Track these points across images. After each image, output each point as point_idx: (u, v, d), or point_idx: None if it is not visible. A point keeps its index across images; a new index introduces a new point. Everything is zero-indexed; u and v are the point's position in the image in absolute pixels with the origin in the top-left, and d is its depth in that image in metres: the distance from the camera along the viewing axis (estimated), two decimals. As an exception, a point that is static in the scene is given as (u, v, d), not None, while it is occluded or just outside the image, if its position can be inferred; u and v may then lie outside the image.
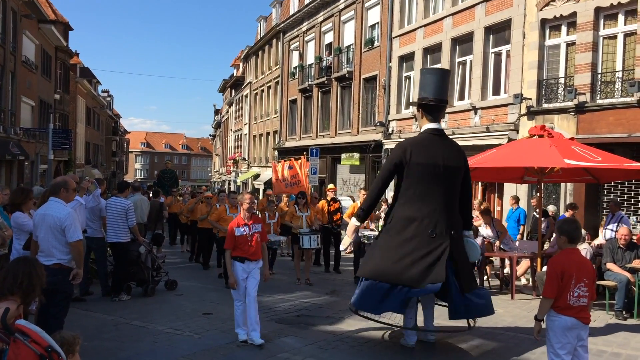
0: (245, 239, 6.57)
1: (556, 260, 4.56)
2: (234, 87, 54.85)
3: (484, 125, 16.52)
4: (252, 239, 6.60)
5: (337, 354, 6.30)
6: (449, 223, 6.49)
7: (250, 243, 6.58)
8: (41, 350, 3.52)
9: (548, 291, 4.44)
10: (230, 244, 6.62)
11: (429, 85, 6.92)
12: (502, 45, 16.64)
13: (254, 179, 40.89)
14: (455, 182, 6.68)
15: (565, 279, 4.41)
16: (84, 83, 46.45)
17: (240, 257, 6.57)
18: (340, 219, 12.72)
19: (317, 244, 11.15)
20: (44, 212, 5.48)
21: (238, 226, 6.60)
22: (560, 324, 4.44)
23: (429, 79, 6.99)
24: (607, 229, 10.51)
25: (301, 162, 16.65)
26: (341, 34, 26.80)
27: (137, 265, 9.33)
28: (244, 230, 6.60)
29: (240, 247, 6.57)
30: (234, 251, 6.60)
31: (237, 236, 6.56)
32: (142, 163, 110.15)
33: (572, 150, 8.91)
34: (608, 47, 13.72)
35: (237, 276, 6.53)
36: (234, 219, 6.85)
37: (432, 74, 7.21)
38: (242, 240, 6.57)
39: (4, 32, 24.73)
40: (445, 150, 6.66)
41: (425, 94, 6.88)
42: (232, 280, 6.56)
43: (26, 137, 28.28)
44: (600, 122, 13.33)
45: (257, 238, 6.65)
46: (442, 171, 6.54)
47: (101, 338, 6.71)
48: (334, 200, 12.85)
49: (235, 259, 6.59)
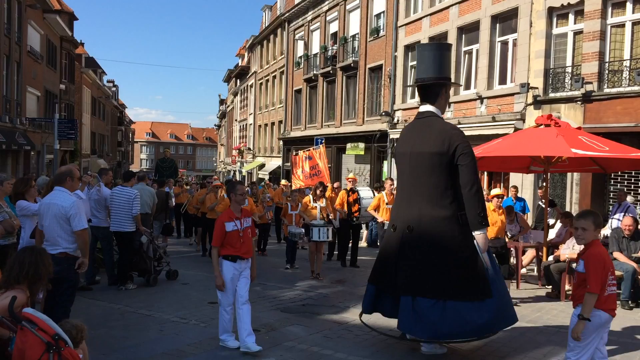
0: (237, 235, 5.89)
1: (599, 252, 4.37)
2: (239, 76, 54.74)
3: (490, 114, 16.44)
4: (243, 234, 5.95)
5: (343, 342, 6.32)
6: (409, 217, 5.80)
7: (242, 240, 5.93)
8: (48, 338, 3.55)
9: (596, 286, 4.22)
10: (219, 240, 5.89)
11: (418, 63, 6.38)
12: (509, 34, 16.51)
13: (259, 169, 40.92)
14: (424, 171, 5.80)
15: (606, 270, 4.29)
16: (89, 73, 46.50)
17: (232, 256, 5.89)
18: (358, 211, 11.96)
19: (327, 237, 10.60)
20: (49, 202, 5.50)
21: (229, 220, 5.91)
22: (597, 320, 4.27)
23: (419, 57, 6.41)
24: (613, 219, 10.48)
25: (320, 152, 15.84)
26: (346, 23, 26.65)
27: (139, 255, 9.35)
28: (235, 225, 5.91)
29: (231, 244, 5.88)
30: (224, 249, 5.90)
31: (228, 232, 5.87)
32: (147, 153, 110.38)
33: (578, 139, 8.85)
34: (616, 36, 13.59)
35: (225, 277, 5.85)
36: (224, 212, 6.15)
37: (422, 51, 6.37)
38: (234, 236, 5.89)
39: (9, 22, 24.73)
40: (419, 135, 5.91)
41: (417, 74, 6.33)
42: (220, 282, 5.83)
43: (32, 127, 28.37)
44: (607, 112, 13.24)
45: (249, 233, 6.05)
46: (409, 159, 5.96)
47: (108, 326, 6.76)
48: (352, 191, 12.15)
49: (226, 258, 5.90)
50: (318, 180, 14.03)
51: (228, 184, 5.97)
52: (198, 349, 6.00)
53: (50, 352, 3.50)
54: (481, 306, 5.47)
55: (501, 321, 5.70)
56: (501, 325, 5.78)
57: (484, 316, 5.46)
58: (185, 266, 11.19)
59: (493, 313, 5.52)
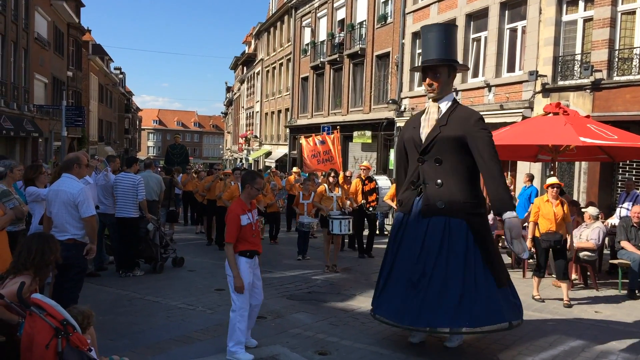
0: (251, 228, 5.37)
1: None
2: (246, 64, 54.59)
3: (498, 102, 16.33)
4: (255, 227, 5.45)
5: (349, 330, 6.34)
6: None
7: (254, 233, 5.42)
8: (57, 323, 3.58)
9: None
10: (235, 235, 5.25)
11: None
12: (518, 21, 16.35)
13: (266, 157, 40.92)
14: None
15: None
16: (96, 60, 46.52)
17: (249, 251, 5.35)
18: (375, 200, 11.45)
19: (348, 230, 10.01)
20: (57, 188, 5.52)
21: (243, 213, 5.34)
22: None
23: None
24: (622, 208, 10.42)
25: (334, 137, 14.95)
26: (354, 10, 26.47)
27: (146, 243, 9.38)
28: (249, 218, 5.37)
29: (246, 239, 5.32)
30: (239, 244, 5.30)
31: (243, 226, 5.29)
32: (154, 140, 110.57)
33: (587, 128, 8.80)
34: (626, 23, 13.43)
35: (244, 277, 5.23)
36: (234, 202, 5.56)
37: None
38: (248, 230, 5.34)
39: (16, 8, 24.72)
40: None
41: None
42: (240, 283, 5.17)
43: (40, 114, 28.47)
44: (616, 100, 13.13)
45: (258, 226, 5.57)
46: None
47: (115, 312, 6.81)
48: (369, 180, 11.57)
49: (243, 255, 5.32)
50: (330, 166, 13.66)
51: (247, 173, 5.58)
52: (205, 335, 6.05)
53: (58, 338, 3.53)
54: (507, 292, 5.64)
55: None
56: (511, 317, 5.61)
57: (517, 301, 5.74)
58: (191, 253, 11.24)
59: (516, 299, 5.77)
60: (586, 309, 7.71)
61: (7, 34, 23.65)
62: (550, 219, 8.01)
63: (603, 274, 10.01)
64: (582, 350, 5.86)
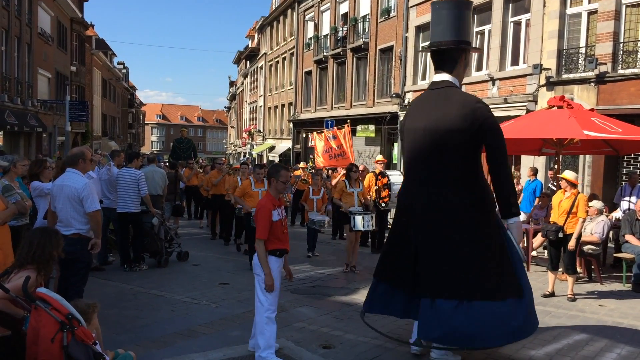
0: (281, 224, 5.07)
1: None
2: (249, 58, 54.51)
3: (502, 96, 16.27)
4: (284, 224, 5.17)
5: (352, 324, 6.35)
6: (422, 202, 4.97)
7: (283, 230, 5.13)
8: (62, 317, 3.59)
9: None
10: (267, 232, 4.95)
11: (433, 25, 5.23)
12: (522, 14, 16.27)
13: (269, 151, 40.92)
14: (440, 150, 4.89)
15: None
16: (100, 55, 46.50)
17: (279, 250, 5.07)
18: (388, 196, 11.10)
19: (372, 225, 9.59)
20: (61, 183, 5.54)
21: (274, 208, 5.03)
22: None
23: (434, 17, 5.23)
24: (624, 201, 10.38)
25: (344, 132, 14.57)
26: (357, 4, 26.37)
27: (150, 237, 9.41)
28: (279, 214, 5.06)
29: (276, 237, 5.03)
30: (270, 242, 5.02)
31: (274, 222, 4.99)
32: (158, 135, 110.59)
33: (591, 121, 8.76)
34: (631, 16, 13.34)
35: (274, 276, 4.97)
36: (264, 197, 5.27)
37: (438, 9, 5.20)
38: (279, 226, 5.04)
39: (19, 3, 24.72)
40: (434, 109, 4.96)
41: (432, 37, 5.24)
42: (272, 282, 4.91)
43: (43, 109, 28.50)
44: (621, 93, 13.06)
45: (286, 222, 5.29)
46: (422, 136, 5.01)
47: (120, 306, 6.84)
48: (382, 175, 11.26)
49: (273, 253, 5.04)
50: (343, 161, 13.40)
51: (272, 167, 5.30)
52: (209, 328, 6.08)
53: (64, 331, 3.54)
54: (513, 305, 4.73)
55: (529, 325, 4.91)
56: (529, 330, 4.93)
57: (519, 317, 4.75)
58: (196, 247, 11.27)
59: (526, 313, 4.82)
60: (590, 302, 7.71)
61: (10, 29, 23.67)
62: (556, 210, 8.08)
63: (607, 268, 10.00)
64: (586, 343, 5.87)
